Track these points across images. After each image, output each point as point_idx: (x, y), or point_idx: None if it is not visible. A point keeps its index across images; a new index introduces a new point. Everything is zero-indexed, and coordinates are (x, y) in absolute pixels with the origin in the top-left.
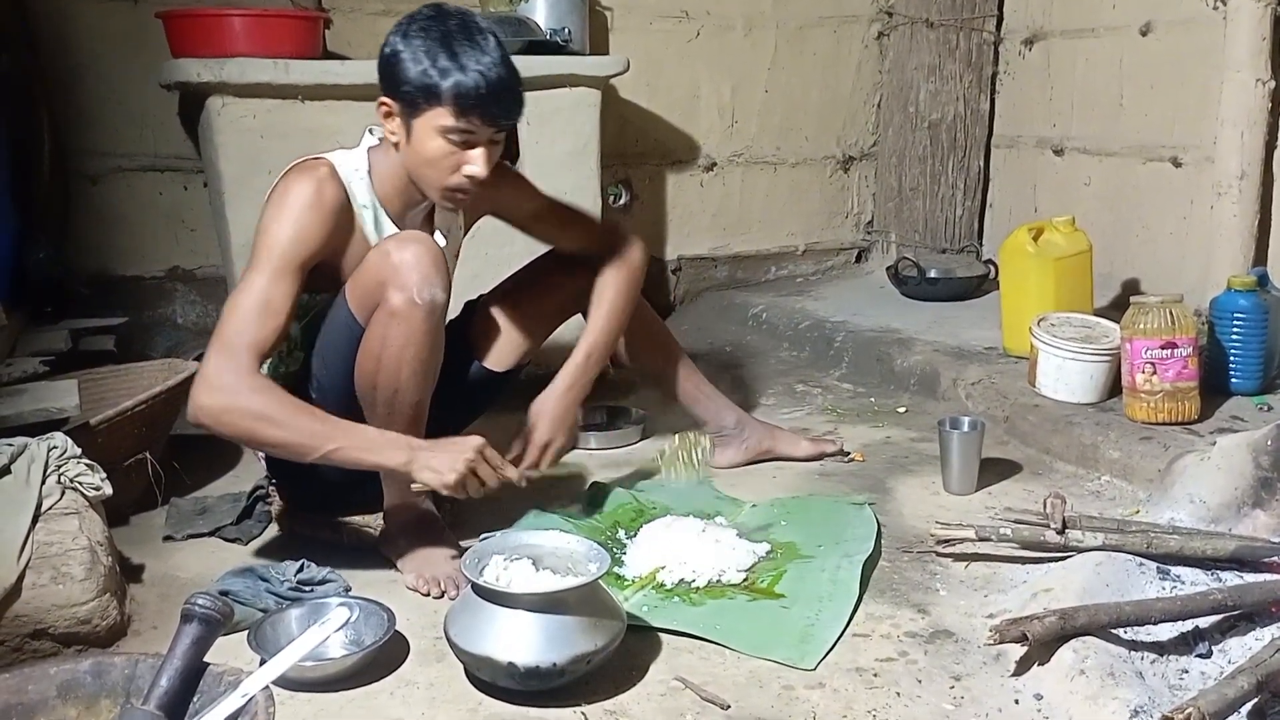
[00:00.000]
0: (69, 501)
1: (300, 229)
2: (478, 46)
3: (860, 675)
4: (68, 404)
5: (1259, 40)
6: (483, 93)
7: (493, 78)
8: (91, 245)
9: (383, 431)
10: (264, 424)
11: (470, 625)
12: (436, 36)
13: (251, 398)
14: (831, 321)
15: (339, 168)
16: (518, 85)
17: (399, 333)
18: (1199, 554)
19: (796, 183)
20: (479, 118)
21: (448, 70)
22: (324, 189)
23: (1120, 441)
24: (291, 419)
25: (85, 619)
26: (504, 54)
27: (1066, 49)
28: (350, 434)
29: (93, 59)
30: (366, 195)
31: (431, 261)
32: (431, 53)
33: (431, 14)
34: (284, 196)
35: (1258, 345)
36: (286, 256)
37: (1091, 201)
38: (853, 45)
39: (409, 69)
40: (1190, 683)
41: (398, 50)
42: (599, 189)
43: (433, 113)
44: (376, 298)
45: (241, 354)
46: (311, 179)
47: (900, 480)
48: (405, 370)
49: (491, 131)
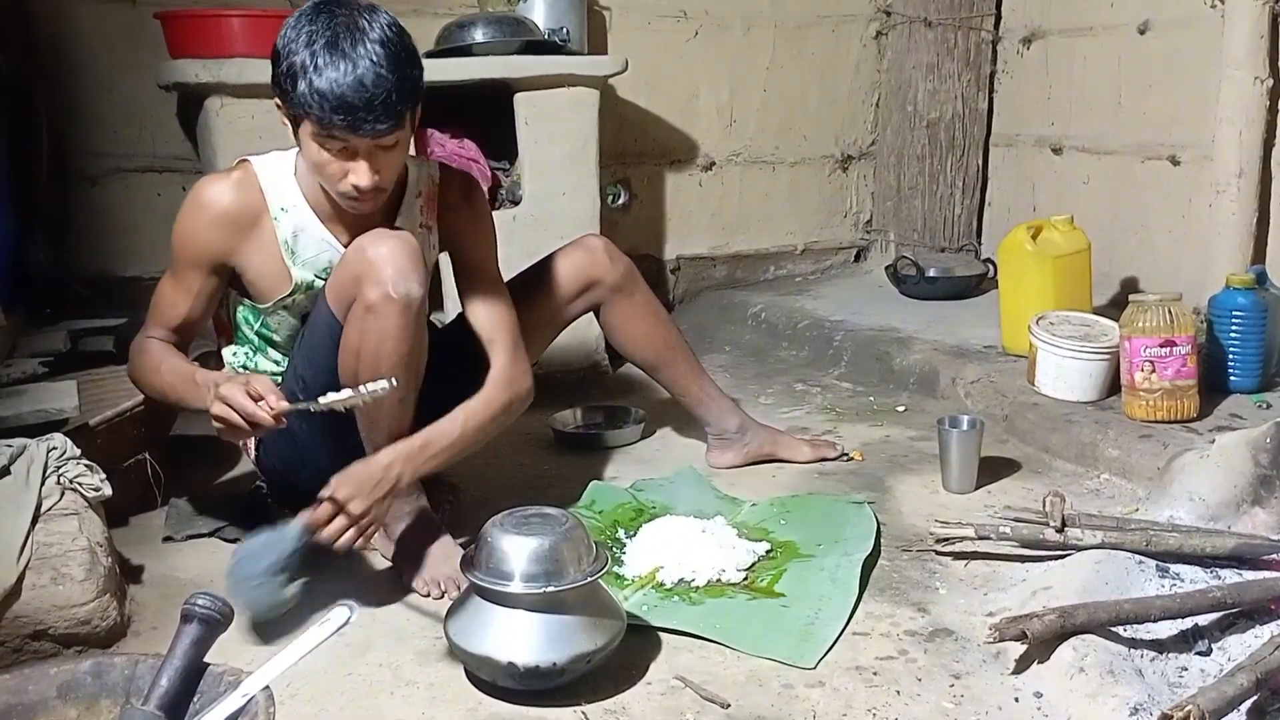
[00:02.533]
0: (68, 502)
1: (189, 235)
2: (339, 50)
3: (860, 674)
4: (67, 405)
5: (1257, 38)
6: (336, 104)
7: (346, 85)
8: (90, 246)
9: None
10: (137, 375)
11: (470, 625)
12: (302, 37)
13: (136, 357)
14: (830, 320)
15: (261, 171)
16: (387, 91)
17: (376, 328)
18: (1198, 552)
19: (795, 182)
20: (340, 128)
21: (304, 78)
22: (221, 195)
23: (1119, 440)
24: (149, 372)
25: (85, 620)
26: (381, 56)
27: (1065, 48)
28: (179, 378)
29: (91, 59)
30: (293, 197)
31: (407, 256)
32: (294, 55)
33: (309, 10)
34: (188, 201)
35: (1256, 343)
36: (183, 262)
37: (1090, 200)
38: (851, 44)
39: (277, 72)
40: (1190, 680)
41: (275, 52)
42: (597, 189)
43: (303, 121)
44: (353, 294)
45: (149, 328)
46: (211, 186)
47: (899, 479)
48: (385, 366)
49: (366, 141)
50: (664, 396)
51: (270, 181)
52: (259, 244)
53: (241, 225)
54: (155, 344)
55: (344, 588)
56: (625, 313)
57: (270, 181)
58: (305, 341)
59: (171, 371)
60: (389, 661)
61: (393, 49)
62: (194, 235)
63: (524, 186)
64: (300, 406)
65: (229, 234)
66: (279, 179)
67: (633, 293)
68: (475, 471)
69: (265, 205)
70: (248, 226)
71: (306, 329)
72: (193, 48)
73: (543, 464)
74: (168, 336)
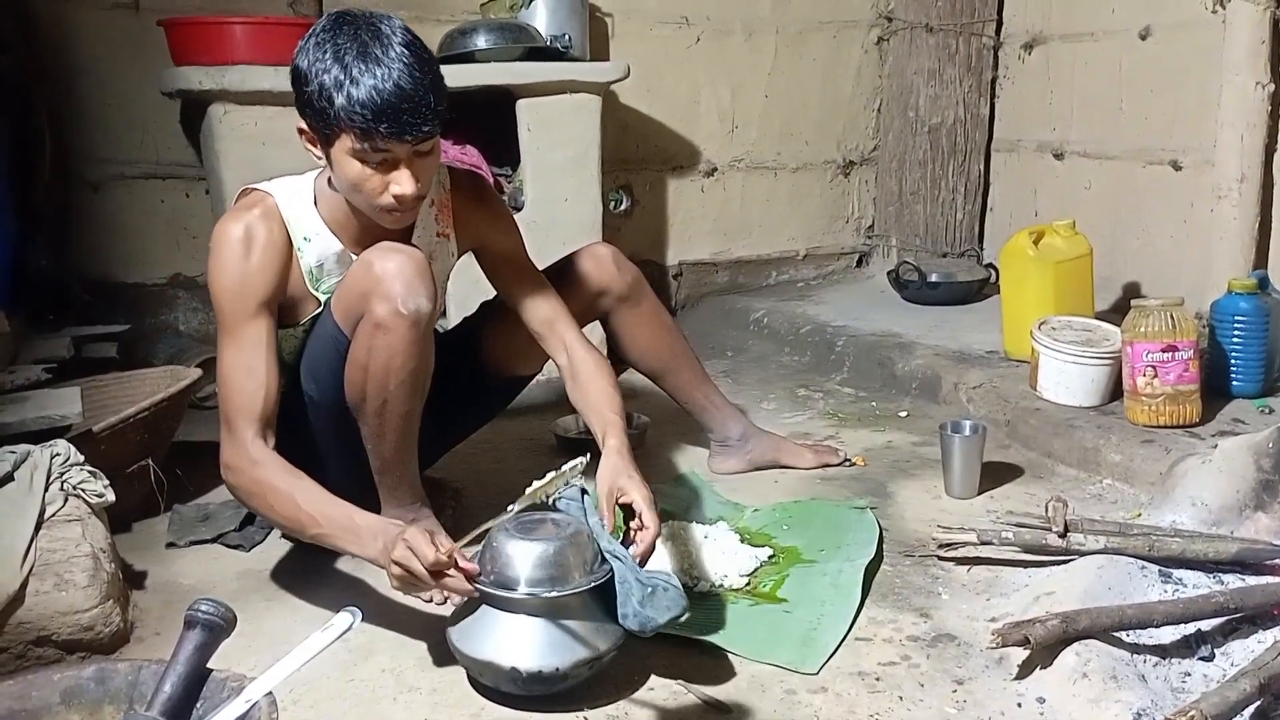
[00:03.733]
0: (72, 508)
1: (239, 281)
2: (371, 58)
3: (863, 679)
4: (70, 411)
5: (1258, 43)
6: (380, 111)
7: (388, 92)
8: (93, 252)
9: (365, 521)
10: (261, 504)
11: (473, 630)
12: (329, 53)
13: (251, 473)
14: (833, 326)
15: (279, 200)
16: (425, 93)
17: (384, 344)
18: (1201, 557)
19: (797, 187)
20: (384, 137)
21: (340, 92)
22: (254, 231)
23: (1121, 445)
24: (280, 505)
25: (88, 626)
26: (411, 59)
27: (1066, 53)
28: (331, 522)
29: (94, 65)
30: (314, 225)
31: (415, 271)
32: (325, 73)
33: (328, 26)
34: (218, 248)
35: (1258, 348)
36: (239, 314)
37: (1092, 205)
38: (852, 50)
39: (307, 94)
40: (1193, 685)
41: (298, 71)
42: (600, 195)
43: (341, 138)
44: (361, 310)
45: (240, 430)
46: (239, 224)
47: (902, 484)
48: (393, 381)
49: (408, 147)
50: (666, 402)
51: (291, 212)
52: (292, 273)
53: (281, 254)
54: (269, 457)
55: (347, 593)
56: (632, 321)
57: (291, 212)
58: (309, 356)
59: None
60: (391, 667)
61: (417, 51)
62: (244, 278)
63: (526, 192)
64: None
65: (277, 265)
66: (299, 208)
67: (639, 301)
68: (478, 476)
69: (289, 236)
70: (286, 255)
71: (310, 343)
72: (196, 54)
73: (545, 469)
74: (260, 429)
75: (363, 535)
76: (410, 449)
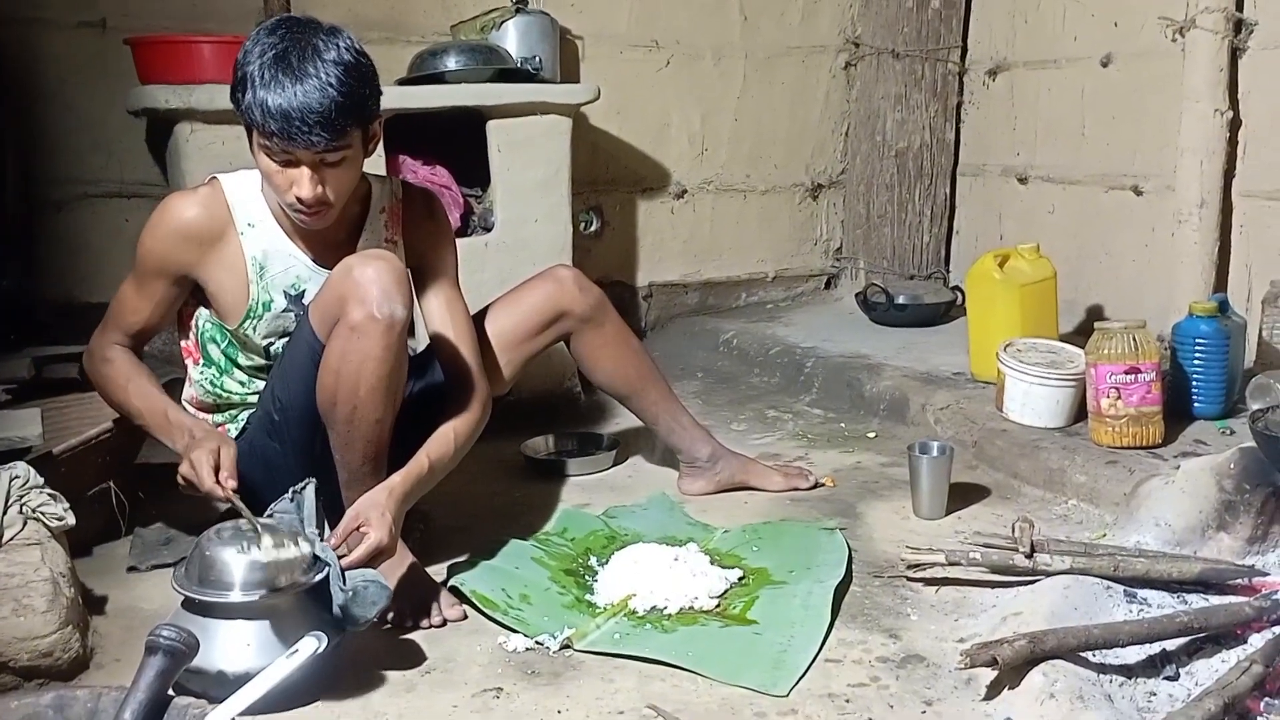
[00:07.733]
0: (31, 532)
1: (151, 244)
2: (288, 66)
3: (832, 701)
4: (30, 433)
5: (1216, 71)
6: (279, 118)
7: (287, 100)
8: (56, 272)
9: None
10: (101, 390)
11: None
12: (257, 50)
13: (100, 365)
14: (801, 347)
15: (228, 187)
16: (333, 111)
17: (358, 348)
18: (1165, 577)
19: (766, 210)
20: (280, 140)
21: (252, 90)
22: (186, 210)
23: (1086, 465)
24: (116, 393)
25: (47, 651)
26: (332, 77)
27: (1030, 79)
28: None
29: (59, 84)
30: (259, 213)
31: (393, 278)
32: (248, 66)
33: (271, 26)
34: (158, 214)
35: (1219, 370)
36: (150, 272)
37: (1056, 229)
38: (820, 75)
39: (236, 85)
40: (1158, 705)
41: (236, 63)
42: (570, 216)
43: (253, 130)
44: (336, 314)
45: (110, 333)
46: (179, 200)
47: (870, 505)
48: (364, 386)
49: (311, 155)
50: (636, 424)
51: (237, 198)
52: (224, 260)
53: (205, 240)
54: (120, 355)
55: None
56: (595, 343)
57: (237, 198)
58: (284, 362)
59: (141, 397)
60: (358, 692)
61: (342, 68)
62: (158, 247)
63: (496, 213)
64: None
65: (192, 248)
66: (245, 195)
67: (602, 323)
68: (447, 499)
69: (231, 221)
70: (212, 242)
71: (287, 349)
72: (163, 73)
73: (514, 491)
74: (126, 341)
75: (173, 432)
76: (379, 462)
